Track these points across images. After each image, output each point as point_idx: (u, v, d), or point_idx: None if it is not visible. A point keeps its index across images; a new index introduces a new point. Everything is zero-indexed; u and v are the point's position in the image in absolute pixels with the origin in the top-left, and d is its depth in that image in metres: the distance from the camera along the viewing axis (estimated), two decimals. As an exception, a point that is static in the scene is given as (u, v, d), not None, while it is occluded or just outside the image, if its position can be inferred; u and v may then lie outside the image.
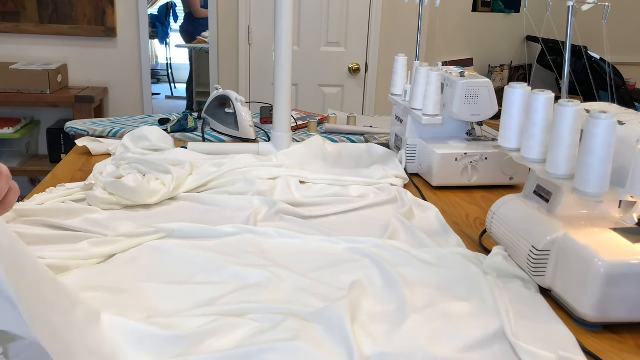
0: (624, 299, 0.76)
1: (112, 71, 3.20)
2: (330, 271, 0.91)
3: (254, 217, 1.09)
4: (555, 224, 0.85)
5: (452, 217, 1.19)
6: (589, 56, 3.46)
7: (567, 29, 0.93)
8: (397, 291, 0.84)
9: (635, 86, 3.91)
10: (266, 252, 0.97)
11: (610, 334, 0.78)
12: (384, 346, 0.71)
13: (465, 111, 1.34)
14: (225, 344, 0.70)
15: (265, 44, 3.21)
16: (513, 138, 0.93)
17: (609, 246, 0.78)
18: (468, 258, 0.96)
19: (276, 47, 1.41)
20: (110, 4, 3.07)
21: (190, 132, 1.79)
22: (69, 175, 1.33)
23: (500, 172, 1.34)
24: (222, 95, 1.77)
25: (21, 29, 3.06)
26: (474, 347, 0.73)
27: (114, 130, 1.81)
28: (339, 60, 3.29)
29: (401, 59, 1.51)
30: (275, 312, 0.77)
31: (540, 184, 0.93)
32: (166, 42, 6.20)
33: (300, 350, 0.68)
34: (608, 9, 0.92)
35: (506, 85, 0.92)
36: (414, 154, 1.41)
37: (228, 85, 3.16)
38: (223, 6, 3.16)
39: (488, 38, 3.83)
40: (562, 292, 0.82)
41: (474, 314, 0.80)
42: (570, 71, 0.92)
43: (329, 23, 3.21)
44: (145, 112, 3.27)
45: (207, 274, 0.88)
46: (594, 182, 0.76)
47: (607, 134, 0.74)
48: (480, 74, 1.37)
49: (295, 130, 1.88)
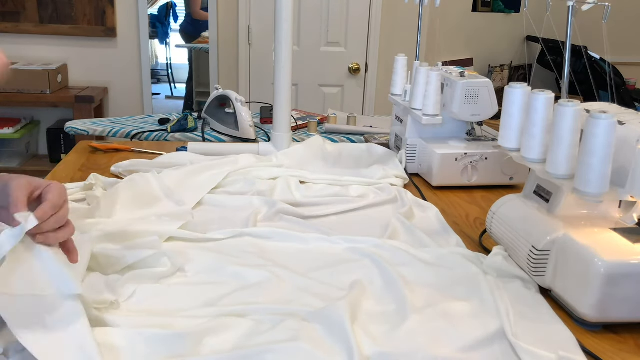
0: (624, 299, 0.76)
1: (112, 71, 3.20)
2: (330, 271, 0.91)
3: (254, 217, 1.09)
4: (555, 224, 0.85)
5: (452, 217, 1.19)
6: (589, 56, 3.46)
7: (567, 29, 0.93)
8: (397, 291, 0.84)
9: (635, 86, 3.91)
10: (266, 252, 0.97)
11: (610, 334, 0.78)
12: (384, 346, 0.71)
13: (465, 111, 1.34)
14: (225, 343, 0.70)
15: (265, 44, 3.21)
16: (513, 138, 0.93)
17: (609, 246, 0.78)
18: (468, 258, 0.96)
19: (276, 47, 1.41)
20: (110, 4, 3.07)
21: (190, 132, 1.79)
22: (69, 175, 1.33)
23: (500, 172, 1.34)
24: (222, 95, 1.77)
25: (21, 29, 3.06)
26: (474, 347, 0.73)
27: (114, 130, 1.81)
28: (339, 60, 3.29)
29: (401, 59, 1.51)
30: (275, 312, 0.77)
31: (540, 184, 0.93)
32: (166, 42, 6.20)
33: (300, 351, 0.68)
34: (608, 9, 0.92)
35: (506, 85, 0.92)
36: (414, 154, 1.41)
37: (228, 85, 3.16)
38: (223, 6, 3.16)
39: (488, 38, 3.83)
40: (562, 292, 0.82)
41: (474, 314, 0.80)
42: (570, 71, 0.92)
43: (329, 23, 3.21)
44: (145, 112, 3.27)
45: (207, 274, 0.88)
46: (594, 182, 0.76)
47: (607, 134, 0.74)
48: (480, 74, 1.37)
49: (295, 130, 1.88)
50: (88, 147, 1.53)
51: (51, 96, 2.88)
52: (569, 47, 0.94)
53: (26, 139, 3.13)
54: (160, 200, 1.13)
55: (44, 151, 3.24)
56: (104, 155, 1.48)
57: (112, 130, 1.80)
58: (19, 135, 2.98)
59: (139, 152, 1.51)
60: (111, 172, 1.33)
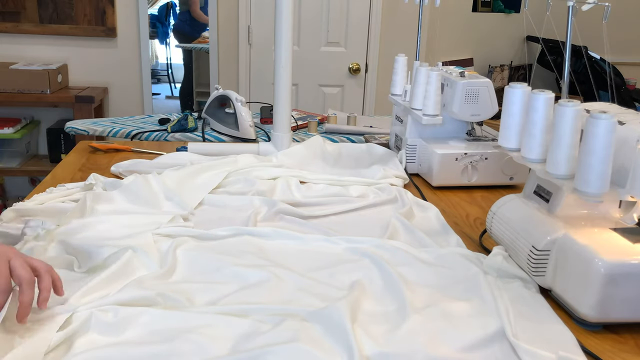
0: (624, 299, 0.76)
1: (112, 71, 3.20)
2: (330, 271, 0.91)
3: (254, 217, 1.09)
4: (555, 224, 0.85)
5: (452, 217, 1.19)
6: (589, 56, 3.46)
7: (567, 29, 0.93)
8: (397, 291, 0.84)
9: (635, 86, 3.91)
10: (266, 252, 0.97)
11: (610, 334, 0.78)
12: (384, 346, 0.71)
13: (465, 111, 1.34)
14: (225, 343, 0.70)
15: (265, 44, 3.21)
16: (513, 138, 0.93)
17: (609, 246, 0.78)
18: (468, 258, 0.96)
19: (276, 47, 1.41)
20: (110, 4, 3.07)
21: (190, 132, 1.79)
22: (69, 175, 1.33)
23: (500, 172, 1.34)
24: (222, 95, 1.77)
25: (21, 29, 3.06)
26: (474, 347, 0.73)
27: (114, 130, 1.81)
28: (339, 60, 3.29)
29: (401, 59, 1.51)
30: (275, 312, 0.77)
31: (540, 184, 0.93)
32: (166, 42, 6.20)
33: (300, 351, 0.68)
34: (608, 9, 0.92)
35: (506, 85, 0.92)
36: (414, 154, 1.41)
37: (228, 85, 3.16)
38: (223, 6, 3.16)
39: (488, 38, 3.83)
40: (562, 292, 0.82)
41: (474, 314, 0.80)
42: (570, 71, 0.92)
43: (329, 23, 3.21)
44: (145, 112, 3.27)
45: (207, 274, 0.88)
46: (594, 182, 0.76)
47: (607, 134, 0.74)
48: (480, 74, 1.37)
49: (295, 130, 1.88)
50: (88, 147, 1.53)
51: (51, 96, 2.88)
52: (569, 47, 0.94)
53: (26, 139, 3.13)
54: (160, 201, 1.13)
55: (44, 151, 3.24)
56: (104, 155, 1.48)
57: (112, 130, 1.80)
58: (19, 135, 2.98)
59: (139, 152, 1.51)
60: (111, 172, 1.33)
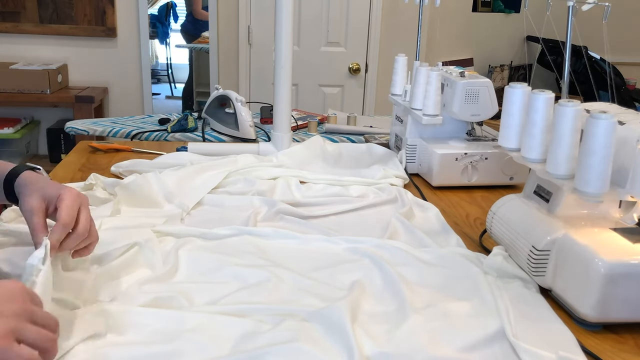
0: (624, 299, 0.76)
1: (112, 71, 3.20)
2: (330, 271, 0.91)
3: (254, 217, 1.09)
4: (555, 224, 0.85)
5: (452, 217, 1.19)
6: (589, 56, 3.46)
7: (567, 29, 0.93)
8: (397, 291, 0.84)
9: (635, 86, 3.91)
10: (266, 252, 0.97)
11: (610, 334, 0.78)
12: (384, 346, 0.71)
13: (465, 111, 1.34)
14: (225, 343, 0.70)
15: (265, 44, 3.21)
16: (513, 138, 0.93)
17: (609, 246, 0.78)
18: (468, 258, 0.96)
19: (276, 47, 1.41)
20: (110, 4, 3.07)
21: (190, 132, 1.79)
22: (69, 175, 1.33)
23: (500, 172, 1.34)
24: (222, 95, 1.77)
25: (21, 29, 3.06)
26: (474, 347, 0.73)
27: (114, 130, 1.82)
28: (339, 60, 3.29)
29: (401, 59, 1.51)
30: (275, 312, 0.77)
31: (540, 184, 0.93)
32: (166, 42, 6.20)
33: (300, 351, 0.68)
34: (608, 9, 0.92)
35: (506, 85, 0.92)
36: (414, 154, 1.41)
37: (228, 85, 3.16)
38: (223, 6, 3.16)
39: (488, 38, 3.83)
40: (562, 292, 0.82)
41: (474, 314, 0.80)
42: (570, 71, 0.92)
43: (329, 23, 3.21)
44: (145, 112, 3.27)
45: (207, 274, 0.88)
46: (594, 182, 0.76)
47: (607, 134, 0.74)
48: (480, 74, 1.37)
49: (295, 130, 1.88)
50: (88, 147, 1.53)
51: (51, 96, 2.88)
52: (569, 47, 0.94)
53: (26, 139, 3.13)
54: (160, 201, 1.13)
55: (44, 151, 3.24)
56: (104, 155, 1.48)
57: (112, 130, 1.80)
58: (19, 135, 2.98)
59: (139, 152, 1.51)
60: (111, 172, 1.33)
